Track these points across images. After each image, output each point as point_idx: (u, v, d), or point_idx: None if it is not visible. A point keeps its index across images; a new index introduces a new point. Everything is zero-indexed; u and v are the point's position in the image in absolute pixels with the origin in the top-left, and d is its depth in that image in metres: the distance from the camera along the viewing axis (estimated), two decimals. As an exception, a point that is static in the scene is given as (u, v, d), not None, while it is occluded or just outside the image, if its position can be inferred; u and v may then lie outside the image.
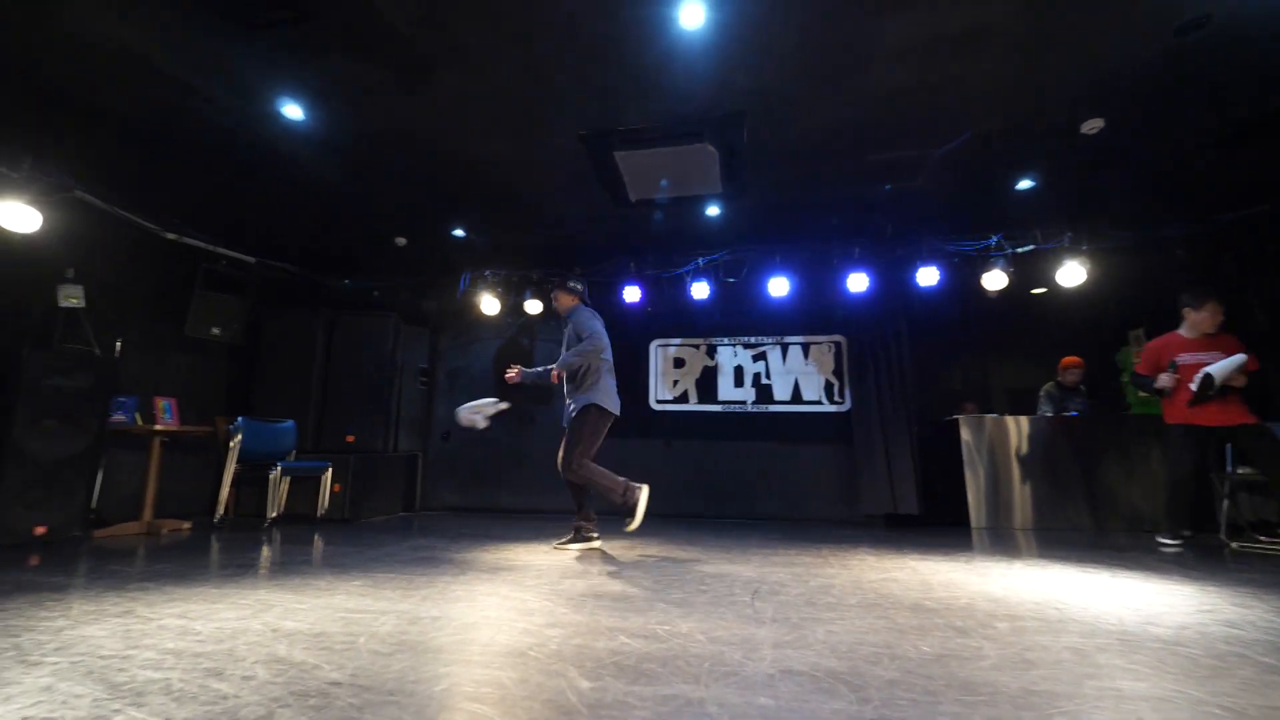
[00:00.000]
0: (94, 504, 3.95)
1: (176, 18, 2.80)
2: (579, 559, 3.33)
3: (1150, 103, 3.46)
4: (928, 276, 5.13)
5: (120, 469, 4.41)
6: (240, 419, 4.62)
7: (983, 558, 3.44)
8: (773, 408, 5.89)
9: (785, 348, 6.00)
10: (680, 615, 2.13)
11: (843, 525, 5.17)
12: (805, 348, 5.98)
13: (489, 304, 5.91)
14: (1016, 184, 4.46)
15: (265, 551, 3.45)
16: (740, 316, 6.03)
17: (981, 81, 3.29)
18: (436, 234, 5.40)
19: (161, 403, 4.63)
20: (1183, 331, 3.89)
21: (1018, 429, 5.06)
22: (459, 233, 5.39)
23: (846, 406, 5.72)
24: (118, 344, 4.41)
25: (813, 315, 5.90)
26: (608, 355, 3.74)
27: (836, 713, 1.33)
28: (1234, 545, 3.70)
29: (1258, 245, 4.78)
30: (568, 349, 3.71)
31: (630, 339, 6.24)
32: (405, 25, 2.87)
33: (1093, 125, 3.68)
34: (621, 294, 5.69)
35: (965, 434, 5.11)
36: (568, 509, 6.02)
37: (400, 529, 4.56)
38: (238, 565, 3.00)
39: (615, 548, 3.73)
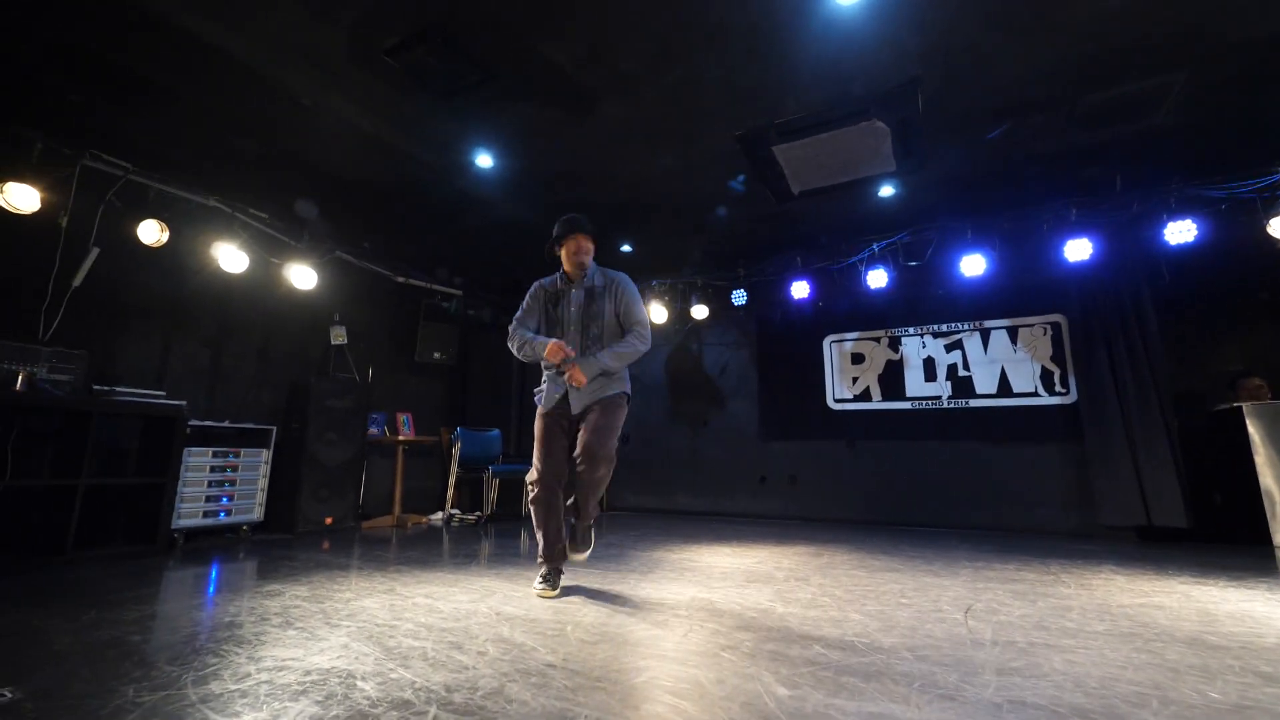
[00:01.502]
0: (361, 500, 4.92)
1: (396, 96, 3.40)
2: (757, 563, 3.27)
3: None
4: (1180, 232, 4.12)
5: (376, 472, 5.43)
6: (459, 429, 5.40)
7: (1297, 587, 2.64)
8: (974, 402, 5.18)
9: (986, 333, 5.25)
10: (880, 630, 1.98)
11: (1075, 538, 4.36)
12: (1012, 331, 5.17)
13: (657, 313, 6.13)
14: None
15: (484, 545, 3.98)
16: (927, 302, 5.43)
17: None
18: (605, 251, 5.76)
19: (402, 417, 5.61)
20: None
21: (1343, 418, 3.81)
22: (626, 248, 5.69)
23: (1072, 398, 4.82)
24: (370, 371, 5.46)
25: (1020, 293, 5.08)
26: None
27: (1092, 760, 1.13)
28: None
29: None
30: (593, 321, 2.65)
31: (801, 337, 6.01)
32: (571, 66, 3.13)
33: None
34: (789, 290, 5.50)
35: (1254, 426, 3.98)
36: (748, 512, 6.04)
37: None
38: (464, 555, 3.50)
39: (801, 553, 3.60)
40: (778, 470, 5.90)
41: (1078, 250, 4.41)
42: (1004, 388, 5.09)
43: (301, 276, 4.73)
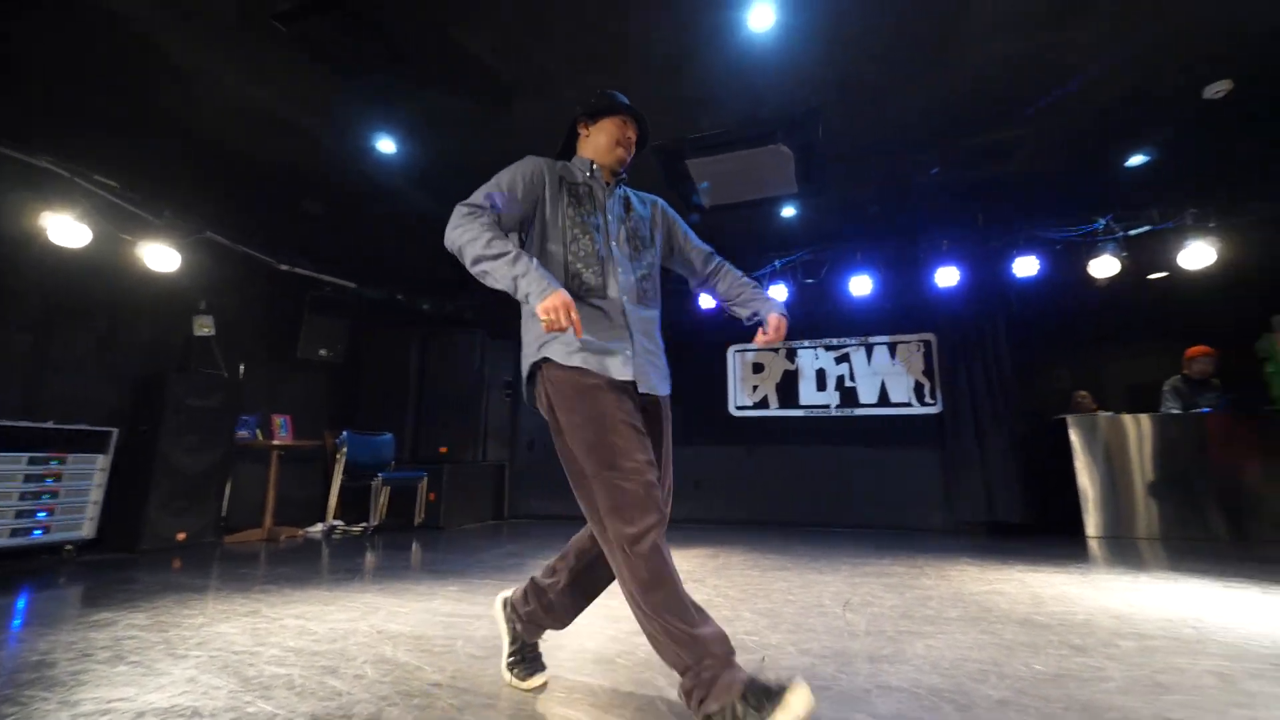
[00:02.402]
0: (224, 512, 4.40)
1: (289, 66, 3.10)
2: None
3: (1290, 55, 3.04)
4: (1026, 267, 4.75)
5: (245, 480, 4.89)
6: (345, 433, 5.00)
7: (1101, 570, 3.11)
8: (858, 411, 5.64)
9: (870, 348, 5.74)
10: (768, 626, 2.07)
11: (940, 534, 4.85)
12: (892, 348, 5.69)
13: (564, 317, 6.08)
14: (1127, 160, 4.04)
15: (369, 557, 3.70)
16: (821, 318, 5.84)
17: (1087, 46, 3.01)
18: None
19: (278, 419, 5.10)
20: None
21: (1138, 428, 4.56)
22: (534, 249, 5.59)
23: (939, 408, 5.38)
24: (241, 367, 4.92)
25: (899, 313, 5.61)
26: None
27: (945, 737, 1.25)
28: None
29: None
30: (644, 247, 1.68)
31: (707, 345, 6.22)
32: (487, 55, 3.03)
33: (1218, 89, 3.28)
34: (697, 300, 5.68)
35: (1075, 435, 4.66)
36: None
37: (491, 536, 4.75)
38: (346, 570, 3.24)
39: (699, 555, 3.69)
40: (683, 475, 6.00)
41: (947, 277, 4.94)
42: (883, 398, 5.59)
43: (160, 257, 4.17)
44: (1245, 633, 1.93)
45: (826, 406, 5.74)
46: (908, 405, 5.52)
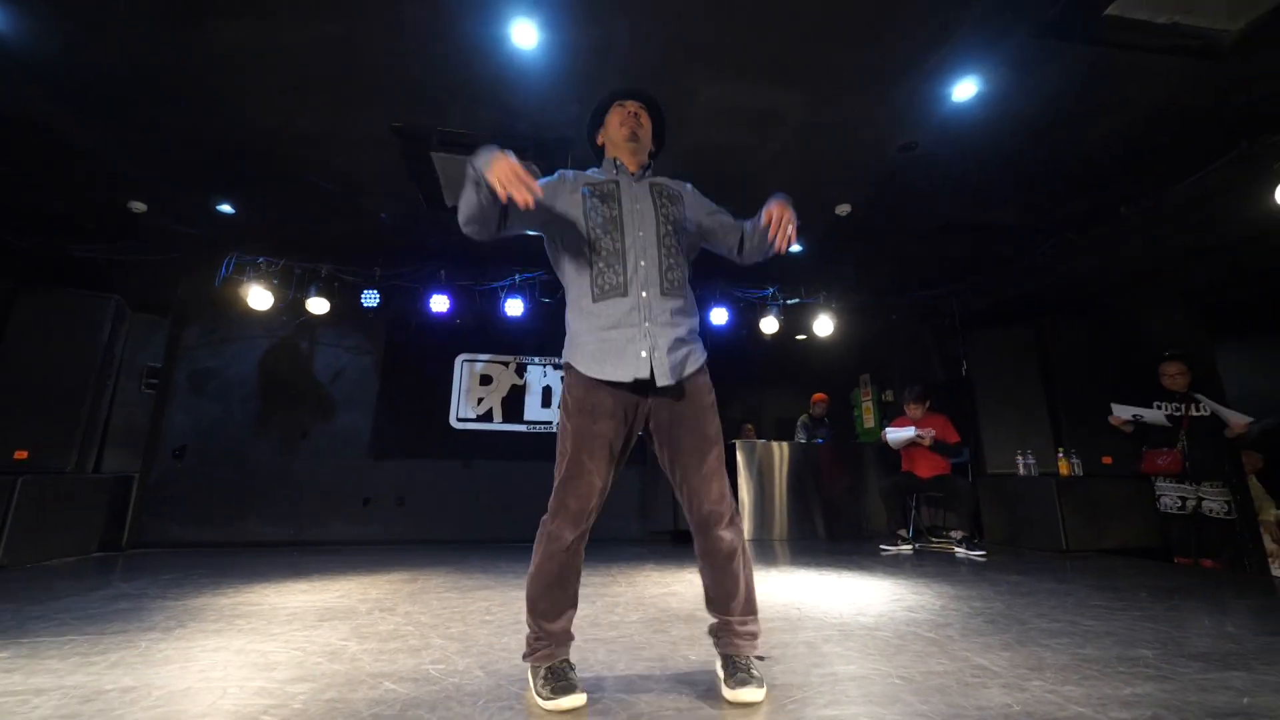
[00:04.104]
0: None
1: None
2: (339, 597, 2.91)
3: (882, 198, 4.39)
4: (719, 316, 5.75)
5: None
6: None
7: (748, 569, 3.86)
8: (576, 429, 5.98)
9: (592, 370, 6.18)
10: (458, 651, 1.98)
11: (635, 543, 5.40)
12: (612, 371, 6.23)
13: (259, 297, 5.01)
14: (789, 246, 5.25)
15: None
16: (551, 337, 6.04)
17: (773, 154, 3.83)
18: (194, 205, 4.45)
19: None
20: (907, 413, 5.01)
21: (780, 452, 5.87)
22: (226, 208, 4.51)
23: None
24: None
25: (621, 342, 6.19)
26: None
27: (609, 736, 1.35)
28: (917, 545, 4.76)
29: (940, 317, 6.32)
30: (679, 231, 1.79)
31: (433, 351, 5.87)
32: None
33: (843, 209, 4.53)
34: (428, 302, 5.34)
35: (740, 456, 5.76)
36: (345, 539, 5.38)
37: (93, 574, 3.53)
38: None
39: (394, 580, 3.36)
40: (385, 491, 5.49)
41: (661, 315, 5.68)
42: (600, 418, 6.05)
43: None
44: (826, 609, 2.59)
45: (549, 423, 5.93)
46: (621, 426, 6.08)
